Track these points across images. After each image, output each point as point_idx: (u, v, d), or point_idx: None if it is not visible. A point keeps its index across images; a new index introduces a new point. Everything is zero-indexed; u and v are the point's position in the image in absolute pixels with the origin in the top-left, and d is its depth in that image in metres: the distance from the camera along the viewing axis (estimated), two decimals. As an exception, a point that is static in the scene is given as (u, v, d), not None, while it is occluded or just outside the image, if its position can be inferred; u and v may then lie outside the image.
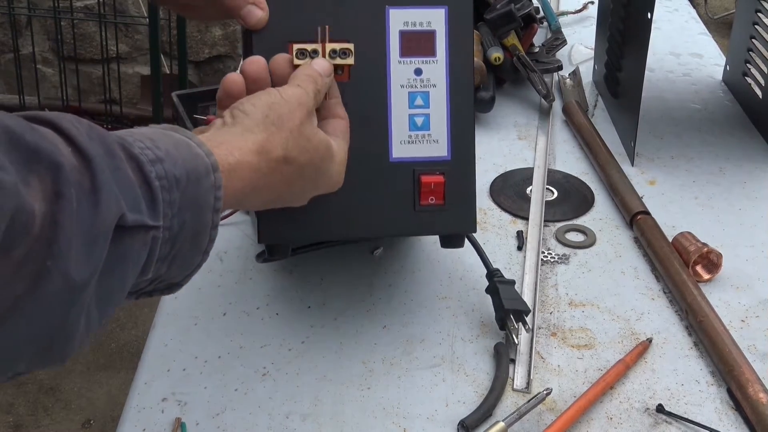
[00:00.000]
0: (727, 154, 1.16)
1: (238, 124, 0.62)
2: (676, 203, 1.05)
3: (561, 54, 1.37)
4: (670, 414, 0.74)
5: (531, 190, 1.06)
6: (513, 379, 0.78)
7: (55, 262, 0.44)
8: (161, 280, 0.56)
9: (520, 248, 0.96)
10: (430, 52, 0.72)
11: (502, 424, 0.71)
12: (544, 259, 0.94)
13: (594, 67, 1.33)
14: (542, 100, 1.25)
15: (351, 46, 0.71)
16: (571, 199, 1.05)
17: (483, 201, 1.04)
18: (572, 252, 0.96)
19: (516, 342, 0.80)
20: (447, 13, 0.72)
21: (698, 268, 0.92)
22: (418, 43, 0.72)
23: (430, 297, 0.87)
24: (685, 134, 1.21)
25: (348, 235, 0.78)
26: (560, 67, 1.29)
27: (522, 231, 0.98)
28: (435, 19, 0.72)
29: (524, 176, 1.09)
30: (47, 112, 0.50)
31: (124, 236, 0.49)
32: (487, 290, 0.84)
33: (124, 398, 0.76)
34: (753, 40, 1.23)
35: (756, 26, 1.22)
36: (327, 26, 0.70)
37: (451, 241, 0.79)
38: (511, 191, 1.06)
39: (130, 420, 0.73)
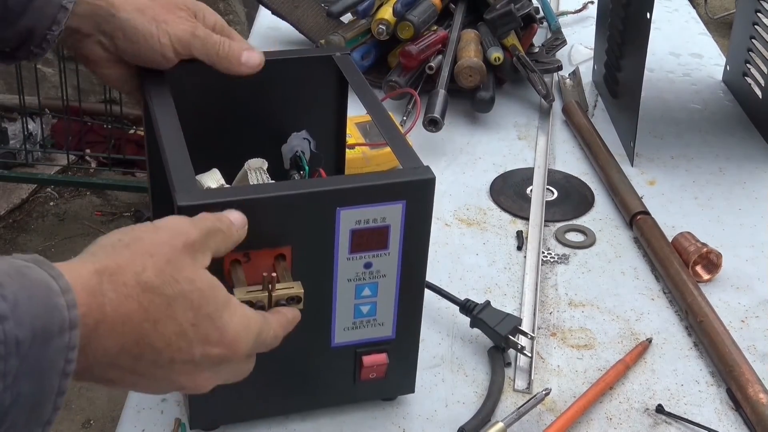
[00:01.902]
0: (727, 154, 1.16)
1: (82, 253, 0.52)
2: (676, 203, 1.05)
3: (561, 54, 1.37)
4: (669, 414, 0.74)
5: (531, 190, 1.06)
6: (514, 380, 0.78)
7: None
8: None
9: (520, 248, 0.96)
10: (383, 245, 0.66)
11: (501, 425, 0.71)
12: (544, 259, 0.94)
13: (594, 67, 1.33)
14: (542, 100, 1.25)
15: (300, 291, 0.61)
16: (571, 199, 1.05)
17: (483, 201, 1.04)
18: (572, 252, 0.96)
19: (530, 355, 0.79)
20: (404, 208, 0.64)
21: (698, 268, 0.92)
22: (369, 239, 0.65)
23: (430, 297, 0.87)
24: (685, 134, 1.21)
25: (285, 411, 0.73)
26: (560, 67, 1.29)
27: (522, 231, 0.98)
28: (391, 215, 0.64)
29: (524, 176, 1.09)
30: None
31: None
32: (472, 325, 0.81)
33: (124, 398, 0.76)
34: (753, 40, 1.23)
35: (756, 26, 1.22)
36: (274, 274, 0.60)
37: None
38: (511, 191, 1.06)
39: (129, 420, 0.73)
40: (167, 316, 0.51)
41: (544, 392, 0.74)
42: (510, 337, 0.79)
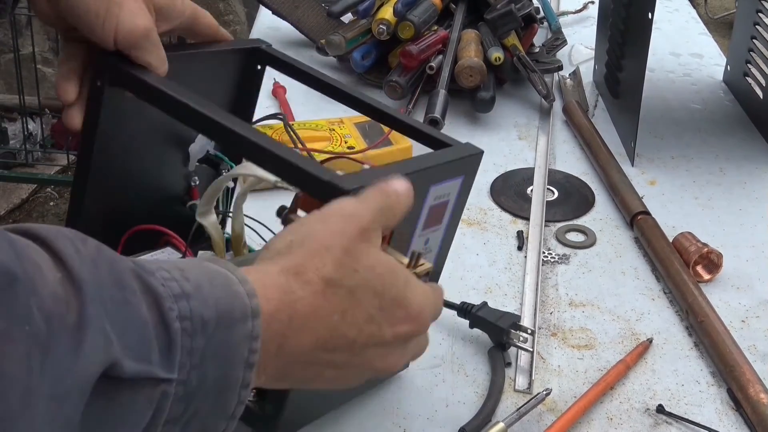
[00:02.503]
0: (728, 155, 1.16)
1: (258, 261, 0.51)
2: (677, 203, 1.05)
3: (561, 54, 1.37)
4: (670, 414, 0.74)
5: (531, 190, 1.06)
6: (514, 380, 0.78)
7: (3, 425, 0.36)
8: None
9: (520, 248, 0.96)
10: (439, 221, 0.67)
11: (501, 425, 0.71)
12: (545, 259, 0.94)
13: (594, 67, 1.33)
14: (542, 100, 1.25)
15: (431, 267, 0.61)
16: (571, 200, 1.05)
17: (483, 201, 1.04)
18: (572, 252, 0.96)
19: (531, 350, 0.79)
20: (461, 183, 0.66)
21: (699, 268, 0.92)
22: (435, 215, 0.66)
23: (431, 297, 0.87)
24: (685, 134, 1.21)
25: (346, 400, 0.73)
26: (560, 67, 1.29)
27: (522, 231, 0.98)
28: (452, 191, 0.66)
29: (524, 176, 1.09)
30: (46, 227, 0.42)
31: (120, 390, 0.41)
32: (471, 325, 0.81)
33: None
34: (753, 40, 1.23)
35: (757, 26, 1.22)
36: (421, 250, 0.61)
37: None
38: (511, 191, 1.05)
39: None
40: (353, 305, 0.51)
41: (544, 392, 0.74)
42: (512, 330, 0.79)
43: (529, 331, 0.80)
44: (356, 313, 0.51)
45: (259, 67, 0.77)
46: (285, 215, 0.59)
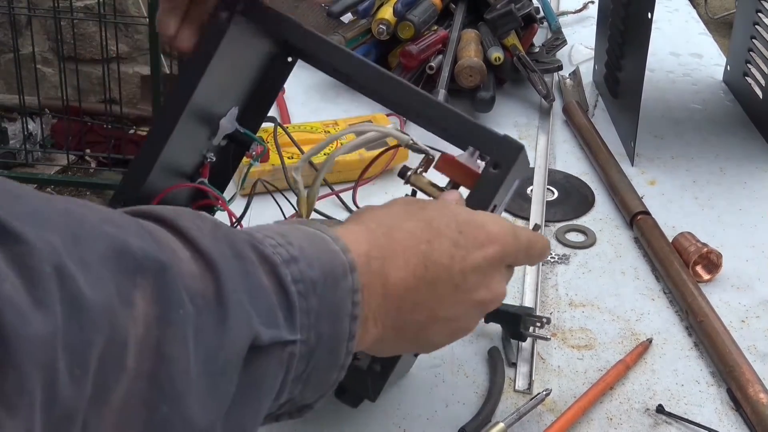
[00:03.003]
0: (728, 154, 1.16)
1: (334, 227, 0.54)
2: (677, 203, 1.05)
3: (561, 54, 1.37)
4: (670, 414, 0.74)
5: (531, 190, 1.06)
6: (514, 381, 0.78)
7: (172, 406, 0.37)
8: (292, 402, 0.49)
9: (520, 248, 0.96)
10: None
11: (501, 425, 0.71)
12: (545, 259, 0.94)
13: (594, 67, 1.33)
14: (542, 100, 1.25)
15: None
16: (571, 199, 1.05)
17: (483, 201, 1.04)
18: (572, 252, 0.96)
19: (548, 338, 0.80)
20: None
21: (698, 268, 0.92)
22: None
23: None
24: (685, 134, 1.21)
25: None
26: (560, 67, 1.29)
27: (522, 231, 0.98)
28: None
29: (524, 176, 1.09)
30: (163, 207, 0.44)
31: (259, 357, 0.42)
32: (487, 320, 0.81)
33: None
34: (753, 40, 1.23)
35: (756, 26, 1.22)
36: None
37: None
38: (511, 191, 1.05)
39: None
40: (436, 233, 0.54)
41: (544, 392, 0.74)
42: (529, 316, 0.79)
43: (545, 320, 0.80)
44: (442, 241, 0.54)
45: (290, 59, 0.73)
46: (409, 175, 0.64)
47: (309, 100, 1.18)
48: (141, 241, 0.38)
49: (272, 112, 1.20)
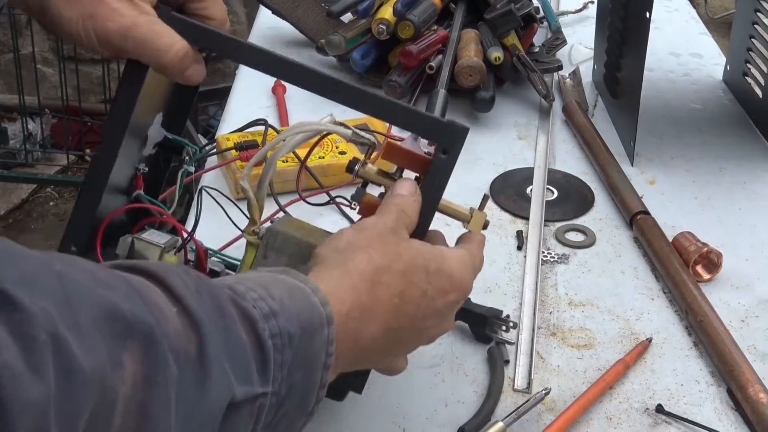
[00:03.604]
0: (727, 154, 1.16)
1: (315, 267, 0.57)
2: (676, 203, 1.05)
3: (561, 54, 1.37)
4: (669, 414, 0.74)
5: (531, 190, 1.05)
6: (514, 380, 0.78)
7: None
8: None
9: (520, 248, 0.96)
10: None
11: (501, 424, 0.71)
12: (544, 258, 0.94)
13: (594, 67, 1.33)
14: (542, 100, 1.25)
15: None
16: (571, 199, 1.05)
17: (483, 201, 1.04)
18: (572, 252, 0.96)
19: (513, 341, 0.80)
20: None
21: (698, 268, 0.92)
22: None
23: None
24: (685, 134, 1.21)
25: None
26: (560, 67, 1.29)
27: (522, 231, 0.98)
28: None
29: (524, 176, 1.09)
30: (154, 263, 0.46)
31: (231, 413, 0.44)
32: (455, 318, 0.82)
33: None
34: (753, 39, 1.23)
35: (756, 26, 1.22)
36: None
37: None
38: (511, 191, 1.05)
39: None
40: (407, 284, 0.57)
41: (543, 392, 0.74)
42: (496, 318, 0.80)
43: (511, 324, 0.80)
44: (412, 291, 0.58)
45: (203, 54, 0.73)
46: (357, 169, 0.65)
47: (309, 100, 1.18)
48: (130, 304, 0.40)
49: (272, 112, 1.20)
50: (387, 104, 0.65)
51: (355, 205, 0.66)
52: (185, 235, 0.70)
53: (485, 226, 0.68)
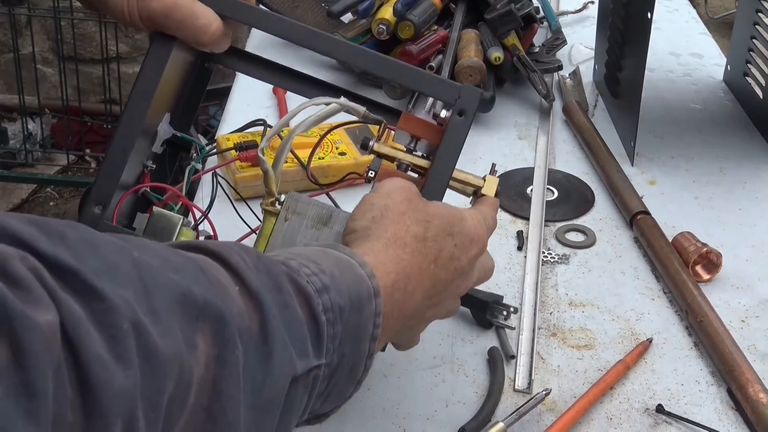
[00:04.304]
0: (728, 154, 1.16)
1: (357, 241, 0.59)
2: (676, 203, 1.05)
3: (561, 54, 1.37)
4: (670, 414, 0.74)
5: (531, 190, 1.05)
6: (514, 380, 0.78)
7: None
8: (311, 413, 0.53)
9: (520, 248, 0.96)
10: None
11: (501, 425, 0.71)
12: (545, 259, 0.94)
13: (594, 67, 1.33)
14: (542, 100, 1.25)
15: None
16: (571, 199, 1.05)
17: (483, 201, 1.04)
18: (572, 252, 0.96)
19: (513, 327, 0.82)
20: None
21: (698, 268, 0.92)
22: None
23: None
24: (685, 134, 1.21)
25: None
26: (560, 67, 1.29)
27: (522, 231, 0.98)
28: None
29: (524, 176, 1.09)
30: (214, 243, 0.47)
31: (293, 387, 0.46)
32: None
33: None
34: (753, 40, 1.23)
35: (756, 26, 1.22)
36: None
37: None
38: (511, 191, 1.05)
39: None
40: (439, 250, 0.60)
41: (544, 392, 0.74)
42: (497, 304, 0.82)
43: (512, 309, 0.82)
44: (443, 255, 0.60)
45: (206, 65, 0.78)
46: (371, 145, 0.69)
47: (309, 100, 1.18)
48: (200, 287, 0.42)
49: (272, 112, 1.20)
50: (409, 70, 0.71)
51: (372, 173, 0.69)
52: (199, 214, 0.73)
53: (497, 193, 0.72)
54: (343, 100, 0.69)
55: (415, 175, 0.70)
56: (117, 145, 0.69)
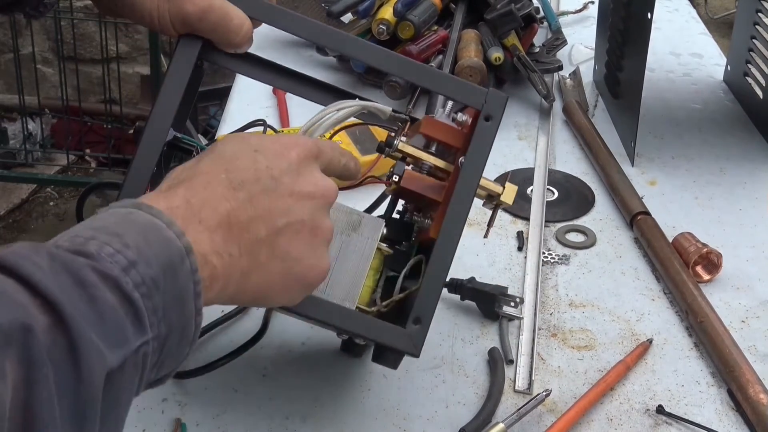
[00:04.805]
0: (728, 154, 1.16)
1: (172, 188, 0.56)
2: (677, 203, 1.05)
3: (561, 54, 1.37)
4: (670, 415, 0.74)
5: (531, 191, 1.05)
6: (514, 381, 0.78)
7: None
8: (148, 382, 0.51)
9: (520, 249, 0.96)
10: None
11: (501, 426, 0.71)
12: (545, 259, 0.94)
13: (594, 67, 1.33)
14: (542, 100, 1.25)
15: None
16: (571, 200, 1.05)
17: (483, 201, 1.03)
18: (572, 252, 0.95)
19: (521, 316, 0.83)
20: None
21: (698, 268, 0.92)
22: None
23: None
24: (685, 134, 1.21)
25: None
26: (560, 67, 1.29)
27: (522, 231, 0.98)
28: None
29: (524, 176, 1.09)
30: (6, 252, 0.44)
31: (113, 379, 0.44)
32: (463, 297, 0.85)
33: (123, 399, 0.76)
34: (753, 40, 1.23)
35: (756, 26, 1.22)
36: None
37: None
38: (511, 191, 1.05)
39: (130, 420, 0.73)
40: (230, 159, 0.57)
41: (544, 393, 0.74)
42: (503, 295, 0.83)
43: (518, 299, 0.82)
44: (238, 164, 0.57)
45: (198, 62, 0.77)
46: (396, 143, 0.69)
47: (310, 102, 1.18)
48: (1, 310, 0.40)
49: (272, 112, 1.20)
50: (435, 75, 0.71)
51: (397, 177, 0.69)
52: None
53: (514, 201, 0.72)
54: (367, 102, 0.69)
55: (436, 181, 0.70)
56: (145, 147, 0.68)
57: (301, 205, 0.58)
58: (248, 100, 1.24)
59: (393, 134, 0.71)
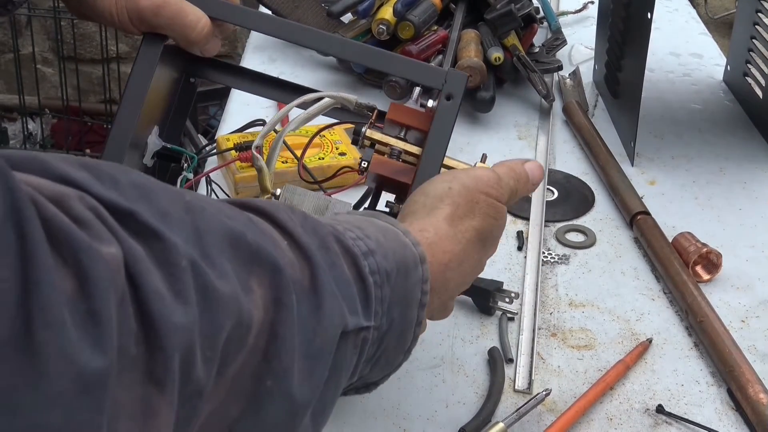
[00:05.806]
0: (728, 154, 1.16)
1: (415, 212, 0.60)
2: (676, 203, 1.05)
3: (561, 54, 1.37)
4: (670, 414, 0.74)
5: (531, 191, 1.05)
6: (514, 380, 0.78)
7: (276, 381, 0.41)
8: (361, 380, 0.53)
9: (520, 248, 0.96)
10: None
11: (501, 425, 0.71)
12: (545, 259, 0.94)
13: (594, 67, 1.33)
14: (542, 100, 1.25)
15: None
16: (571, 200, 1.05)
17: (483, 201, 1.03)
18: (572, 252, 0.96)
19: (516, 312, 0.83)
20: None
21: (698, 268, 0.92)
22: None
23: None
24: (685, 134, 1.21)
25: None
26: (560, 67, 1.29)
27: (522, 231, 0.98)
28: None
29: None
30: (261, 200, 0.48)
31: (340, 343, 0.46)
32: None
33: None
34: (753, 40, 1.23)
35: (756, 26, 1.22)
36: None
37: None
38: (511, 191, 1.05)
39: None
40: (480, 240, 0.61)
41: (544, 393, 0.74)
42: (498, 291, 0.83)
43: (513, 294, 0.82)
44: (481, 248, 0.61)
45: (192, 80, 0.80)
46: (364, 131, 0.69)
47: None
48: (251, 233, 0.42)
49: (272, 112, 1.20)
50: (393, 58, 0.72)
51: (365, 164, 0.69)
52: None
53: None
54: (332, 92, 0.70)
55: (406, 165, 0.70)
56: (111, 145, 0.69)
57: (483, 263, 0.65)
58: (248, 100, 1.24)
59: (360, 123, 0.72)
